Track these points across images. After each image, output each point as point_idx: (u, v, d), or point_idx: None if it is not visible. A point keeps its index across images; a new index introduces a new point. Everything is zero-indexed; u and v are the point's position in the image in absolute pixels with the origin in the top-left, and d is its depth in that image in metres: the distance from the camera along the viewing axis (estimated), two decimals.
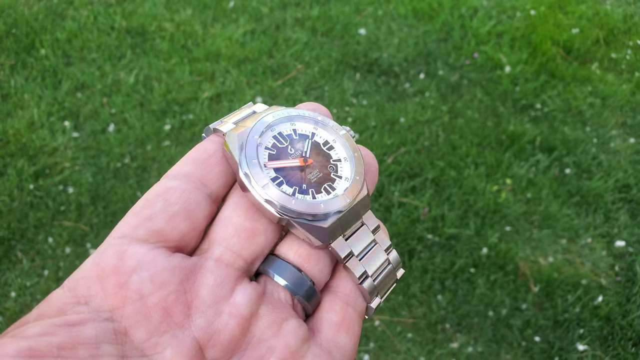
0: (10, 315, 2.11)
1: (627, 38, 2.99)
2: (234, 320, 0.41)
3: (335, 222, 0.46)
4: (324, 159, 0.50)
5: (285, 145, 0.49)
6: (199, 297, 0.40)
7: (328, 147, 0.50)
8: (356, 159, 0.50)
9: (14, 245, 2.28)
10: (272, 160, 0.47)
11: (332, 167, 0.49)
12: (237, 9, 3.08)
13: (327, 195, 0.47)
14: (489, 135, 2.57)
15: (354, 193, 0.47)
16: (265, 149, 0.48)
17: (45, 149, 2.54)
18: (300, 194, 0.46)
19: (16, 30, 2.99)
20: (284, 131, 0.50)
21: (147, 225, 0.41)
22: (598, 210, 2.36)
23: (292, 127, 0.50)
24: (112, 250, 0.39)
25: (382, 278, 0.49)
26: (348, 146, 0.50)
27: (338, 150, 0.50)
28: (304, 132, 0.50)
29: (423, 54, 2.91)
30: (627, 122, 2.66)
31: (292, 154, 0.49)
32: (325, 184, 0.48)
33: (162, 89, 2.74)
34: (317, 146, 0.50)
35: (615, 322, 2.07)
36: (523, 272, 2.19)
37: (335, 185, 0.48)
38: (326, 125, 0.51)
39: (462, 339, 2.05)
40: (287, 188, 0.46)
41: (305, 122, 0.51)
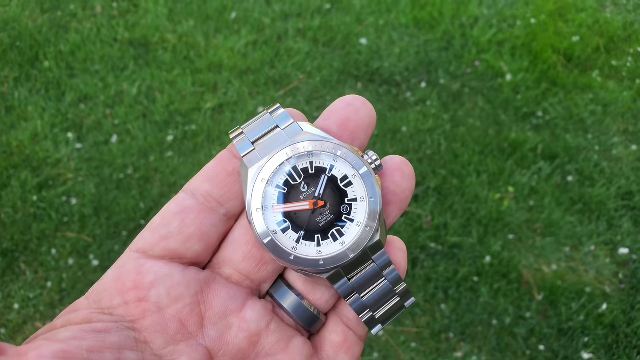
0: (13, 327, 2.11)
1: (627, 45, 3.00)
2: (242, 334, 0.43)
3: (336, 272, 0.45)
4: (338, 198, 0.46)
5: (298, 182, 0.47)
6: (212, 309, 0.43)
7: (346, 183, 0.47)
8: (372, 202, 0.46)
9: (17, 257, 2.29)
10: (281, 204, 0.46)
11: (346, 207, 0.46)
12: (239, 20, 3.11)
13: (333, 244, 0.45)
14: (490, 143, 2.58)
15: (361, 245, 0.45)
16: (276, 188, 0.46)
17: (48, 161, 2.55)
18: (304, 240, 0.45)
19: (20, 43, 3.01)
20: (299, 165, 0.47)
21: (163, 245, 0.43)
22: (601, 217, 2.35)
23: (309, 161, 0.47)
24: (131, 265, 0.42)
25: (386, 311, 0.47)
26: (367, 185, 0.47)
27: (356, 188, 0.47)
28: (322, 166, 0.47)
29: (424, 63, 2.93)
30: (629, 129, 2.66)
31: (304, 192, 0.46)
32: (334, 230, 0.46)
33: (164, 100, 2.75)
34: (333, 181, 0.47)
35: (620, 330, 2.06)
36: (526, 281, 2.18)
37: (344, 231, 0.45)
38: (347, 157, 0.47)
39: (466, 348, 2.04)
40: (291, 234, 0.45)
41: (324, 156, 0.47)
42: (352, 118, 0.47)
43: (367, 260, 0.46)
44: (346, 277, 0.45)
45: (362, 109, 0.47)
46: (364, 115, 0.47)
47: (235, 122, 2.68)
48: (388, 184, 0.48)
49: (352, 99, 0.47)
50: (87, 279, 2.22)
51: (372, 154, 0.47)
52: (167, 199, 2.41)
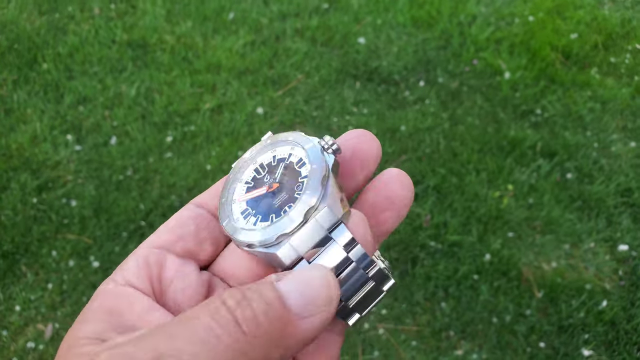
0: (14, 329, 2.11)
1: (625, 42, 3.00)
2: None
3: (287, 245, 0.42)
4: (293, 179, 0.46)
5: (262, 175, 0.48)
6: None
7: (300, 164, 0.47)
8: (314, 170, 0.44)
9: (18, 259, 2.29)
10: (245, 194, 0.47)
11: (299, 185, 0.45)
12: (237, 21, 3.11)
13: (283, 218, 0.43)
14: (489, 141, 2.58)
15: (305, 213, 0.42)
16: (245, 184, 0.48)
17: (48, 163, 2.55)
18: (261, 222, 0.44)
19: (18, 45, 3.01)
20: (264, 161, 0.49)
21: (181, 244, 0.46)
22: (600, 214, 2.36)
23: (272, 155, 0.49)
24: (154, 258, 0.45)
25: (361, 298, 0.44)
26: (310, 156, 0.46)
27: (307, 165, 0.46)
28: (282, 156, 0.48)
29: (422, 62, 2.93)
30: (628, 126, 2.66)
31: (266, 182, 0.47)
32: (286, 206, 0.44)
33: (163, 101, 2.76)
34: (290, 166, 0.47)
35: (620, 326, 2.06)
36: (526, 278, 2.18)
37: (295, 205, 0.43)
38: (300, 141, 0.47)
39: (467, 346, 2.04)
40: (251, 219, 0.45)
41: (285, 145, 0.49)
42: (363, 148, 0.49)
43: (326, 239, 0.42)
44: (305, 259, 0.42)
45: (372, 141, 0.50)
46: (372, 146, 0.50)
47: (234, 122, 2.68)
48: (387, 193, 0.48)
49: (362, 132, 0.50)
50: (88, 280, 2.22)
51: (328, 139, 0.46)
52: (167, 200, 2.41)
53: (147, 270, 0.44)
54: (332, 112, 2.73)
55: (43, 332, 2.10)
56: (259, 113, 2.72)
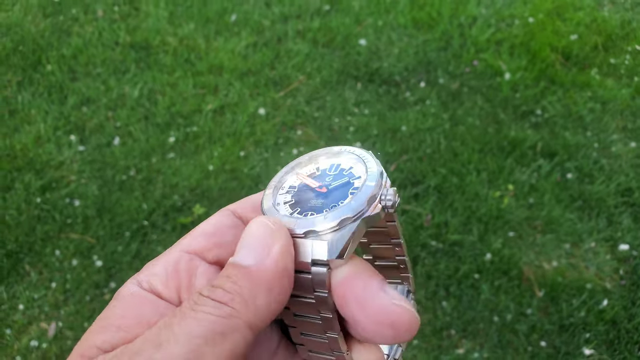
0: (18, 328, 2.13)
1: (625, 43, 3.01)
2: (266, 352, 0.45)
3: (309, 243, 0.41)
4: (341, 194, 0.42)
5: (329, 173, 0.44)
6: None
7: (355, 178, 0.43)
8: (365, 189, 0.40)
9: (22, 258, 2.31)
10: (305, 176, 0.44)
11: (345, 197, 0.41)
12: (239, 23, 3.13)
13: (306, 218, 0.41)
14: (490, 141, 2.59)
15: (308, 227, 0.39)
16: (315, 168, 0.45)
17: (51, 163, 2.57)
18: (299, 215, 0.42)
19: (23, 47, 3.04)
20: (342, 163, 0.44)
21: (216, 252, 0.45)
22: (601, 214, 2.36)
23: (335, 161, 0.45)
24: (185, 265, 0.44)
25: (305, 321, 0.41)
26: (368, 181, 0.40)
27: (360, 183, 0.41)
28: (344, 166, 0.44)
29: (423, 63, 2.95)
30: (628, 126, 2.67)
31: (325, 180, 0.44)
32: (315, 212, 0.41)
33: (166, 102, 2.78)
34: (347, 179, 0.43)
35: (621, 325, 2.07)
36: (527, 277, 2.19)
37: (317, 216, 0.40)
38: (366, 160, 0.42)
39: (468, 344, 2.05)
40: (289, 209, 0.43)
41: (349, 157, 0.44)
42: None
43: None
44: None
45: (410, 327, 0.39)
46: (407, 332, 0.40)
47: (236, 123, 2.70)
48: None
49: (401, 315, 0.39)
50: (91, 279, 2.23)
51: (391, 192, 0.39)
52: (169, 200, 2.43)
53: (177, 278, 0.44)
54: (334, 113, 2.74)
55: (46, 331, 2.11)
56: (260, 114, 2.74)
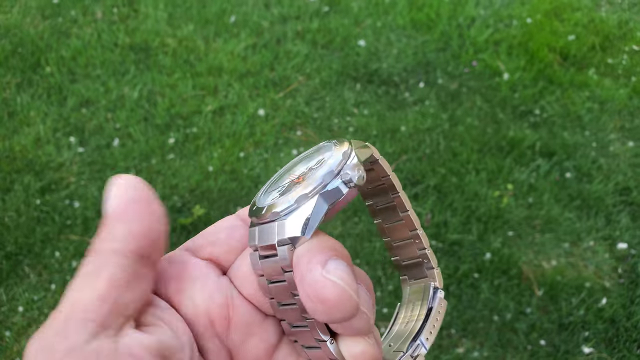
0: (17, 330, 2.13)
1: (622, 44, 3.03)
2: (263, 344, 0.45)
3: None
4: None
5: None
6: (238, 316, 0.45)
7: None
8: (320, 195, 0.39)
9: (21, 260, 2.31)
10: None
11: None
12: (238, 24, 3.14)
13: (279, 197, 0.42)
14: (489, 141, 2.60)
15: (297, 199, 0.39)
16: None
17: (51, 165, 2.57)
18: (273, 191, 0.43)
19: (22, 49, 3.04)
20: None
21: (209, 250, 0.46)
22: (599, 213, 2.37)
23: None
24: (178, 258, 0.45)
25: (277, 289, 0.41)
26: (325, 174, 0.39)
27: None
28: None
29: (422, 64, 2.96)
30: (626, 125, 2.69)
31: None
32: (294, 188, 0.41)
33: (165, 103, 2.78)
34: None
35: (620, 324, 2.07)
36: (527, 276, 2.20)
37: (292, 189, 0.41)
38: (329, 155, 0.41)
39: (468, 344, 2.06)
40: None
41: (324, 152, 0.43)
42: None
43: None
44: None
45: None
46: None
47: (236, 124, 2.70)
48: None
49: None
50: None
51: (353, 164, 0.39)
52: (169, 201, 2.43)
53: (168, 271, 0.45)
54: (333, 114, 2.75)
55: None
56: (260, 115, 2.74)
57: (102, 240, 0.38)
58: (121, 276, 0.37)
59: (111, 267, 0.37)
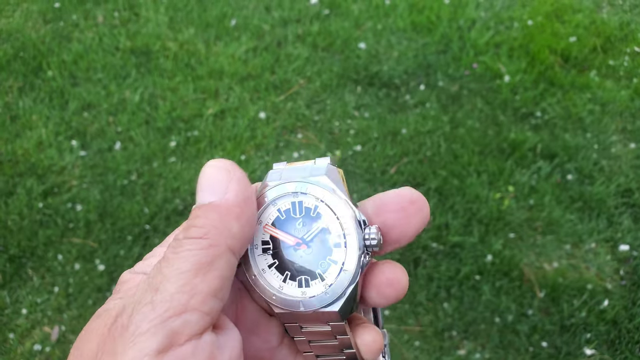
0: (21, 332, 2.13)
1: (624, 45, 3.03)
2: (266, 345, 0.47)
3: (289, 315, 0.45)
4: (322, 252, 0.44)
5: (297, 217, 0.45)
6: (245, 314, 0.46)
7: (335, 243, 0.44)
8: (345, 274, 0.43)
9: (24, 262, 2.31)
10: (274, 226, 0.45)
11: (325, 264, 0.44)
12: (239, 27, 3.15)
13: (296, 289, 0.44)
14: (490, 143, 2.60)
15: (315, 305, 0.43)
16: (277, 211, 0.45)
17: (53, 168, 2.58)
18: (274, 269, 0.45)
19: (24, 53, 3.06)
20: (305, 202, 0.45)
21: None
22: (601, 215, 2.37)
23: (315, 203, 0.44)
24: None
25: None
26: (349, 258, 0.43)
27: (341, 253, 0.43)
28: (322, 215, 0.44)
29: (423, 66, 2.96)
30: (627, 127, 2.68)
31: (298, 229, 0.45)
32: (304, 277, 0.44)
33: (167, 106, 2.79)
34: (324, 236, 0.44)
35: (621, 325, 2.07)
36: (528, 278, 2.20)
37: (311, 284, 0.44)
38: (347, 226, 0.43)
39: (469, 346, 2.06)
40: (267, 257, 0.45)
41: (329, 213, 0.44)
42: (401, 226, 0.43)
43: (323, 324, 0.44)
44: (299, 325, 0.45)
45: (417, 216, 0.43)
46: (415, 223, 0.43)
47: (237, 127, 2.71)
48: (373, 296, 0.45)
49: (410, 199, 0.43)
50: (94, 283, 2.24)
51: (373, 232, 0.42)
52: (171, 204, 2.44)
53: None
54: (334, 116, 2.75)
55: (49, 335, 2.12)
56: (261, 118, 2.75)
57: (219, 231, 0.40)
58: (229, 275, 0.40)
59: (224, 263, 0.39)
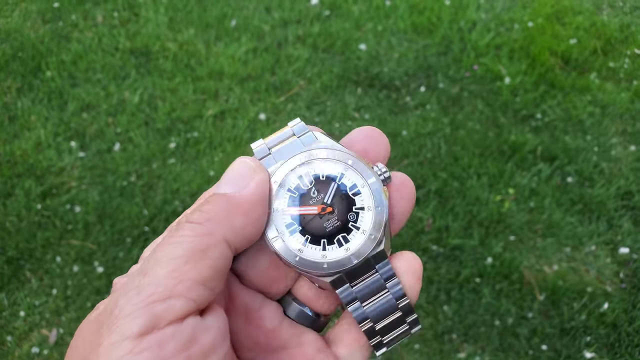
0: (19, 335, 2.12)
1: (624, 47, 3.03)
2: (259, 330, 0.48)
3: (339, 277, 0.47)
4: (346, 205, 0.48)
5: (309, 187, 0.48)
6: (237, 302, 0.48)
7: (354, 192, 0.48)
8: (378, 212, 0.47)
9: (22, 264, 2.30)
10: (291, 207, 0.47)
11: (353, 215, 0.48)
12: (239, 28, 3.14)
13: (338, 249, 0.47)
14: (490, 145, 2.60)
15: (365, 252, 0.46)
16: (287, 191, 0.48)
17: (52, 169, 2.57)
18: (311, 244, 0.47)
19: (22, 53, 3.04)
20: (311, 171, 0.48)
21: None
22: (601, 217, 2.37)
23: (320, 167, 0.49)
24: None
25: (387, 325, 0.49)
26: (374, 195, 0.48)
27: (364, 197, 0.48)
28: (332, 173, 0.48)
29: (423, 68, 2.95)
30: (627, 129, 2.68)
31: (314, 198, 0.48)
32: (340, 235, 0.47)
33: (166, 107, 2.78)
34: (342, 189, 0.48)
35: (621, 328, 2.07)
36: (528, 281, 2.20)
37: (350, 237, 0.47)
38: (357, 167, 0.48)
39: (469, 349, 2.05)
40: (299, 237, 0.47)
41: (335, 164, 0.49)
42: (371, 149, 0.51)
43: (370, 269, 0.47)
44: (349, 284, 0.47)
45: (381, 141, 0.51)
46: (382, 147, 0.51)
47: (237, 128, 2.70)
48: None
49: (370, 130, 0.51)
50: (92, 285, 2.23)
51: (381, 166, 0.49)
52: (170, 206, 2.43)
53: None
54: (334, 118, 2.75)
55: (47, 337, 2.11)
56: (261, 119, 2.74)
57: (220, 221, 0.41)
58: (222, 267, 0.41)
59: (218, 254, 0.41)
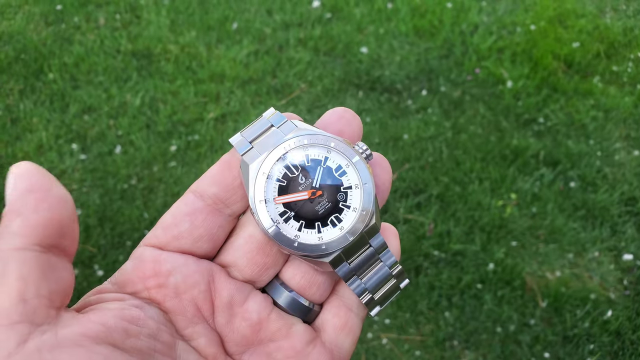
0: None
1: (627, 51, 3.01)
2: (245, 322, 0.47)
3: (337, 255, 0.48)
4: (334, 187, 0.50)
5: (296, 174, 0.49)
6: (221, 298, 0.47)
7: (340, 172, 0.50)
8: (366, 188, 0.49)
9: None
10: (282, 195, 0.49)
11: (342, 194, 0.50)
12: (241, 31, 3.13)
13: (333, 230, 0.49)
14: (492, 150, 2.58)
15: (359, 228, 0.48)
16: (276, 181, 0.49)
17: (53, 172, 2.57)
18: (306, 229, 0.48)
19: (25, 55, 3.04)
20: (296, 159, 0.50)
21: (175, 244, 0.47)
22: (604, 223, 2.35)
23: (304, 154, 0.50)
24: (149, 256, 0.46)
25: (384, 292, 0.51)
26: (360, 173, 0.50)
27: (350, 176, 0.50)
28: (317, 158, 0.50)
29: (425, 71, 2.94)
30: (631, 134, 2.66)
31: (302, 184, 0.49)
32: (333, 216, 0.49)
33: (167, 110, 2.77)
34: (329, 172, 0.50)
35: (625, 337, 2.05)
36: (530, 287, 2.18)
37: (342, 217, 0.49)
38: (340, 148, 0.50)
39: (471, 355, 2.04)
40: (293, 223, 0.48)
41: (318, 149, 0.50)
42: (346, 130, 0.51)
43: (364, 244, 0.50)
44: (346, 261, 0.49)
45: (354, 121, 0.52)
46: (355, 127, 0.52)
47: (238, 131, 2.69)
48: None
49: (343, 111, 0.52)
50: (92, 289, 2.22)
51: (362, 145, 0.51)
52: None
53: (141, 269, 0.46)
54: None
55: None
56: None
57: (1, 239, 0.37)
58: (31, 271, 0.36)
59: (17, 264, 0.36)
